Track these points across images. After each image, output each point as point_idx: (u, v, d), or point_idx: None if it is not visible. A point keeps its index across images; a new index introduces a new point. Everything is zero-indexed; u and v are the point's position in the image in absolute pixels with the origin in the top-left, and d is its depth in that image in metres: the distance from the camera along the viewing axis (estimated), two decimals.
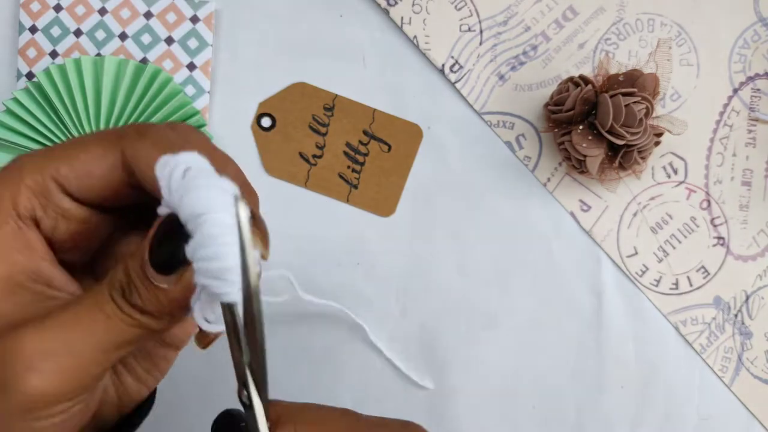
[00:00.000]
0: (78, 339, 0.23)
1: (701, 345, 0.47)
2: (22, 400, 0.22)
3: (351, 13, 0.48)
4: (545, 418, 0.47)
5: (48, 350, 0.22)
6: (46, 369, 0.22)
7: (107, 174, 0.25)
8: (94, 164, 0.25)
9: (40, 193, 0.25)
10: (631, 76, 0.44)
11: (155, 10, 0.47)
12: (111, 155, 0.25)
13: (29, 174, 0.25)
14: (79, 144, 0.25)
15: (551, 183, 0.48)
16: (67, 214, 0.25)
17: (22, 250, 0.25)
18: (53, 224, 0.25)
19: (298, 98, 0.48)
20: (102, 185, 0.25)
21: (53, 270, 0.25)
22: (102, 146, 0.25)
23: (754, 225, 0.48)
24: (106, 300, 0.23)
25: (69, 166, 0.25)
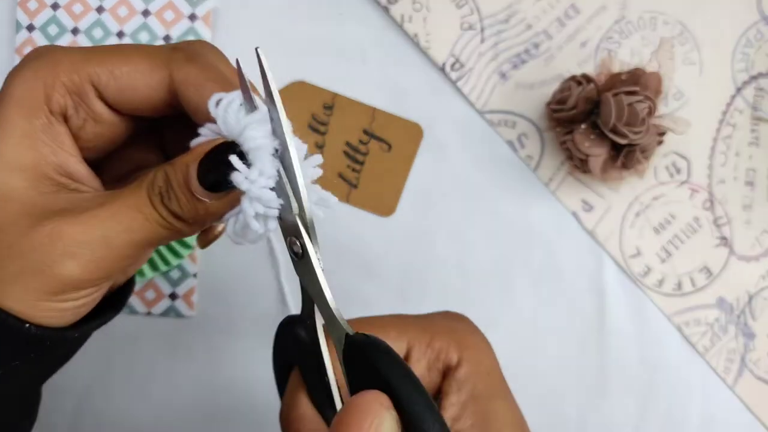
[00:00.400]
0: (114, 234, 0.24)
1: (704, 346, 0.47)
2: (56, 282, 0.24)
3: (351, 11, 0.47)
4: (547, 420, 0.47)
5: (86, 241, 0.24)
6: (83, 257, 0.24)
7: (150, 91, 0.26)
8: (139, 79, 0.26)
9: (74, 92, 0.26)
10: (634, 75, 0.44)
11: (153, 8, 0.46)
12: (158, 74, 0.26)
13: (66, 72, 0.25)
14: (122, 54, 0.26)
15: (553, 183, 0.47)
16: (97, 117, 0.27)
17: (50, 144, 0.26)
18: (81, 124, 0.26)
19: (297, 97, 0.47)
20: (141, 100, 0.26)
21: (78, 165, 0.27)
22: (149, 63, 0.26)
23: (758, 225, 0.48)
24: (144, 202, 0.25)
25: (110, 74, 0.26)
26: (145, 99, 0.26)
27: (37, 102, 0.25)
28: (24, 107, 0.25)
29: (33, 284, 0.24)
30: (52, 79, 0.26)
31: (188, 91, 0.25)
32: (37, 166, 0.26)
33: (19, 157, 0.25)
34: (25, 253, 0.24)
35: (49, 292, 0.25)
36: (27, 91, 0.25)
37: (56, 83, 0.26)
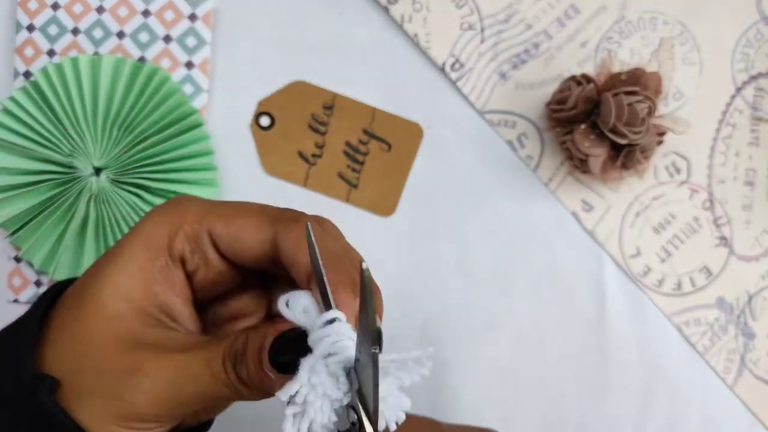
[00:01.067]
0: (184, 383, 0.27)
1: (704, 346, 0.47)
2: (126, 410, 0.27)
3: (351, 11, 0.47)
4: (547, 420, 0.47)
5: (159, 380, 0.26)
6: (153, 395, 0.26)
7: (257, 245, 0.28)
8: (248, 233, 0.28)
9: (193, 239, 0.29)
10: (634, 75, 0.44)
11: (153, 8, 0.46)
12: (265, 231, 0.28)
13: (189, 222, 0.29)
14: (241, 209, 0.29)
15: (553, 183, 0.47)
16: (209, 263, 0.29)
17: (163, 284, 0.29)
18: (195, 268, 0.29)
19: (297, 97, 0.47)
20: (248, 251, 0.29)
21: (182, 307, 0.29)
22: (259, 219, 0.28)
23: (757, 225, 0.48)
24: (216, 361, 0.26)
25: (225, 226, 0.28)
26: (251, 251, 0.28)
27: (161, 245, 0.28)
28: (149, 247, 0.28)
29: (105, 406, 0.27)
30: (177, 226, 0.29)
31: (287, 248, 0.28)
32: (144, 300, 0.28)
33: (131, 289, 0.28)
34: (107, 376, 0.27)
35: (118, 416, 0.27)
36: (155, 232, 0.28)
37: (180, 230, 0.28)
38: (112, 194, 0.44)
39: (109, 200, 0.44)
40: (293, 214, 0.29)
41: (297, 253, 0.27)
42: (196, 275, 0.29)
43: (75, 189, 0.43)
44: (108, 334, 0.27)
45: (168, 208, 0.29)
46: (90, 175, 0.43)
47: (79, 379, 0.27)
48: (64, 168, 0.43)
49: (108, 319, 0.28)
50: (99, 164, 0.44)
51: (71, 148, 0.44)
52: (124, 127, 0.44)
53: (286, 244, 0.28)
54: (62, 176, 0.43)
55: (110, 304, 0.28)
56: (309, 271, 0.27)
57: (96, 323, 0.28)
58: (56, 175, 0.43)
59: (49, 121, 0.44)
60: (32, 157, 0.44)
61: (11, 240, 0.45)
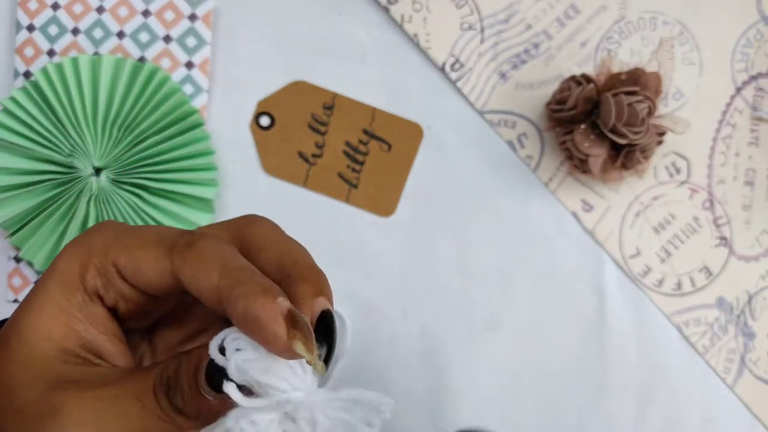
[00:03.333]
0: (110, 419, 0.24)
1: (704, 346, 0.47)
2: None
3: (351, 11, 0.47)
4: (547, 420, 0.47)
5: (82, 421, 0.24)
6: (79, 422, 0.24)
7: (157, 277, 0.26)
8: (147, 264, 0.26)
9: (103, 274, 0.27)
10: (634, 75, 0.44)
11: (153, 8, 0.46)
12: (162, 261, 0.26)
13: (96, 255, 0.27)
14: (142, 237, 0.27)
15: (553, 183, 0.47)
16: (125, 296, 0.27)
17: (84, 321, 0.27)
18: (114, 302, 0.27)
19: (297, 97, 0.47)
20: (152, 283, 0.27)
21: (107, 343, 0.27)
22: (156, 250, 0.26)
23: (757, 225, 0.48)
24: (146, 392, 0.24)
25: (127, 258, 0.26)
26: (155, 283, 0.26)
27: (74, 282, 0.27)
28: (64, 284, 0.27)
29: None
30: (87, 261, 0.27)
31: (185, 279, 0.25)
32: (66, 339, 0.27)
33: (50, 329, 0.26)
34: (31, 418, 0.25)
35: None
36: (67, 269, 0.27)
37: (89, 265, 0.27)
38: (112, 194, 0.44)
39: (109, 200, 0.44)
40: (188, 239, 0.26)
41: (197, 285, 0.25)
42: (119, 308, 0.28)
43: (75, 189, 0.43)
44: (31, 377, 0.26)
45: (79, 240, 0.27)
46: (90, 175, 0.43)
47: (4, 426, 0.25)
48: (64, 168, 0.43)
49: (31, 361, 0.26)
50: (99, 164, 0.44)
51: (71, 148, 0.44)
52: (124, 127, 0.44)
53: (184, 276, 0.25)
54: (62, 176, 0.43)
55: (33, 345, 0.26)
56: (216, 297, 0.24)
57: (19, 366, 0.26)
58: (56, 175, 0.43)
59: (49, 121, 0.44)
60: (32, 157, 0.44)
61: (11, 240, 0.45)
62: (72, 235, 0.44)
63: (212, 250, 0.25)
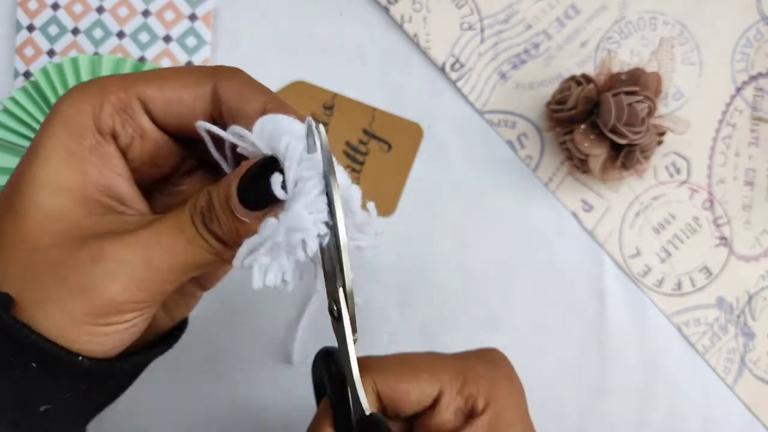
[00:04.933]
0: (157, 256, 0.24)
1: (704, 346, 0.47)
2: (98, 303, 0.24)
3: (350, 11, 0.47)
4: (547, 420, 0.47)
5: (128, 261, 0.24)
6: (125, 278, 0.24)
7: (195, 102, 0.26)
8: (185, 91, 0.26)
9: (122, 109, 0.26)
10: (634, 75, 0.44)
11: (153, 8, 0.46)
12: (203, 86, 0.26)
13: (114, 91, 0.26)
14: (171, 71, 0.27)
15: (553, 183, 0.47)
16: (144, 134, 0.26)
17: (98, 164, 0.26)
18: (129, 142, 0.26)
19: (297, 97, 0.47)
20: (187, 111, 0.26)
21: (126, 186, 0.27)
22: (195, 77, 0.26)
23: (757, 225, 0.48)
24: (187, 224, 0.24)
25: (158, 89, 0.26)
26: (189, 111, 0.26)
27: (84, 122, 0.25)
28: (71, 128, 0.25)
29: (75, 306, 0.24)
30: (100, 99, 0.26)
31: (230, 99, 0.26)
32: (85, 186, 0.25)
33: (66, 177, 0.25)
34: (68, 274, 0.24)
35: (92, 314, 0.24)
36: (74, 112, 0.25)
37: (104, 103, 0.26)
38: None
39: None
40: (228, 68, 0.27)
41: (242, 102, 0.25)
42: (132, 150, 0.27)
43: None
44: (56, 234, 0.24)
45: (84, 85, 0.26)
46: None
47: (37, 289, 0.24)
48: None
49: (51, 218, 0.24)
50: None
51: None
52: None
53: (229, 95, 0.26)
54: None
55: (47, 201, 0.25)
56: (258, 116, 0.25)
57: (38, 226, 0.24)
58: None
59: None
60: None
61: None
62: None
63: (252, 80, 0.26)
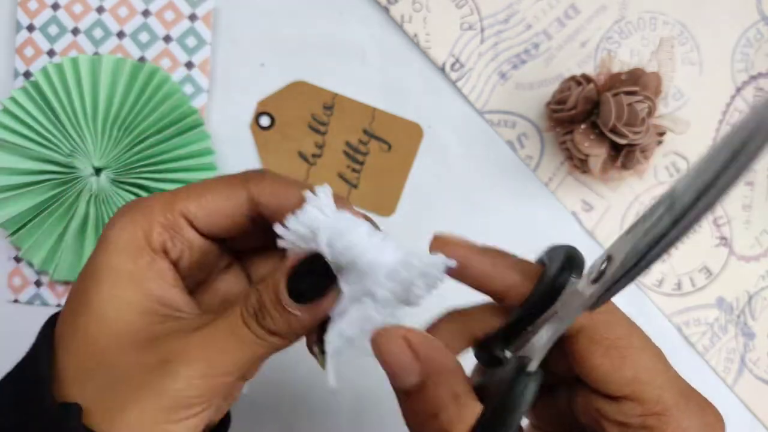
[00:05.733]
0: (214, 356, 0.26)
1: (704, 346, 0.47)
2: (167, 401, 0.26)
3: (351, 12, 0.47)
4: None
5: (192, 361, 0.26)
6: (190, 376, 0.26)
7: (233, 210, 0.29)
8: (222, 202, 0.29)
9: (170, 227, 0.29)
10: (634, 75, 0.44)
11: (153, 8, 0.46)
12: (237, 194, 0.29)
13: (160, 212, 0.28)
14: (206, 185, 0.29)
15: (553, 183, 0.47)
16: (192, 245, 0.29)
17: (156, 279, 0.28)
18: (179, 255, 0.29)
19: (297, 97, 0.47)
20: (227, 220, 0.29)
21: (180, 295, 0.29)
22: (229, 187, 0.29)
23: (757, 225, 0.48)
24: (239, 325, 0.27)
25: (197, 204, 0.29)
26: (230, 218, 0.29)
27: (139, 244, 0.28)
28: (128, 251, 0.28)
29: (147, 407, 0.26)
30: (150, 221, 0.28)
31: (266, 199, 0.28)
32: (145, 301, 0.28)
33: (128, 294, 0.28)
34: (138, 375, 0.26)
35: (163, 411, 0.26)
36: (128, 236, 0.28)
37: (153, 224, 0.28)
38: (112, 194, 0.44)
39: (109, 200, 0.44)
40: (256, 172, 0.29)
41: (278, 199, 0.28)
42: (182, 262, 0.29)
43: (75, 189, 0.43)
44: (122, 344, 0.27)
45: (130, 210, 0.29)
46: (90, 175, 0.43)
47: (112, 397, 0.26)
48: (64, 168, 0.43)
49: (116, 331, 0.27)
50: (99, 164, 0.44)
51: (71, 148, 0.44)
52: (124, 127, 0.44)
53: (265, 196, 0.28)
54: (62, 176, 0.43)
55: (112, 316, 0.27)
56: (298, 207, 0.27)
57: (105, 339, 0.27)
58: (56, 175, 0.43)
59: (49, 121, 0.44)
60: (32, 157, 0.44)
61: (11, 240, 0.45)
62: (72, 235, 0.44)
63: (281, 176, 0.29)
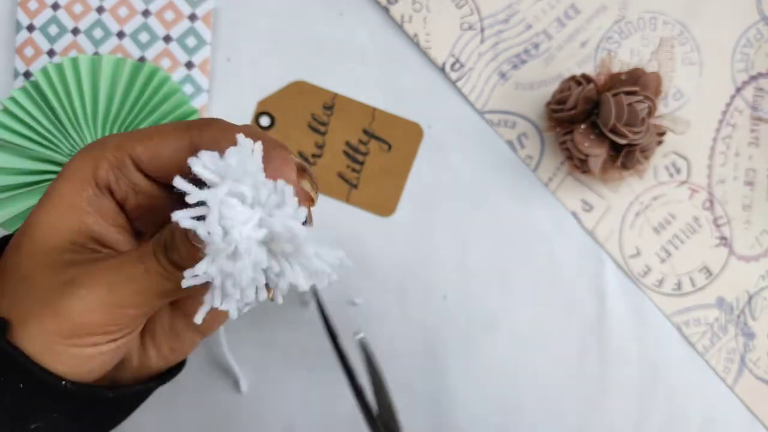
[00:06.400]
0: (118, 283, 0.27)
1: (704, 346, 0.47)
2: (70, 324, 0.27)
3: (351, 11, 0.47)
4: (547, 421, 0.47)
5: (95, 287, 0.27)
6: (92, 302, 0.27)
7: (175, 154, 0.29)
8: (166, 146, 0.29)
9: (117, 166, 0.29)
10: (634, 75, 0.44)
11: (153, 8, 0.46)
12: (181, 139, 0.29)
13: (111, 150, 0.29)
14: (156, 129, 0.30)
15: (553, 183, 0.47)
16: (137, 187, 0.30)
17: (93, 214, 0.29)
18: (124, 195, 0.30)
19: (297, 97, 0.47)
20: (169, 163, 0.29)
21: (118, 234, 0.30)
22: (174, 132, 0.29)
23: (757, 225, 0.48)
24: (148, 255, 0.27)
25: (143, 147, 0.29)
26: (173, 162, 0.29)
27: (85, 177, 0.29)
28: (74, 181, 0.29)
29: (49, 326, 0.27)
30: (99, 157, 0.29)
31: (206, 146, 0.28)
32: (76, 231, 0.29)
33: (61, 223, 0.29)
34: (44, 295, 0.28)
35: (61, 334, 0.27)
36: (78, 168, 0.29)
37: (102, 160, 0.29)
38: None
39: None
40: (204, 120, 0.30)
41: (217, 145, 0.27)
42: (128, 203, 0.30)
43: None
44: (42, 266, 0.28)
45: (91, 145, 0.30)
46: None
47: (22, 311, 0.28)
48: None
49: (41, 254, 0.28)
50: None
51: (71, 148, 0.44)
52: (124, 127, 0.44)
53: (205, 141, 0.28)
54: None
55: (42, 239, 0.29)
56: None
57: (30, 260, 0.29)
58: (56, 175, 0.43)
59: (49, 121, 0.44)
60: (32, 157, 0.44)
61: None
62: None
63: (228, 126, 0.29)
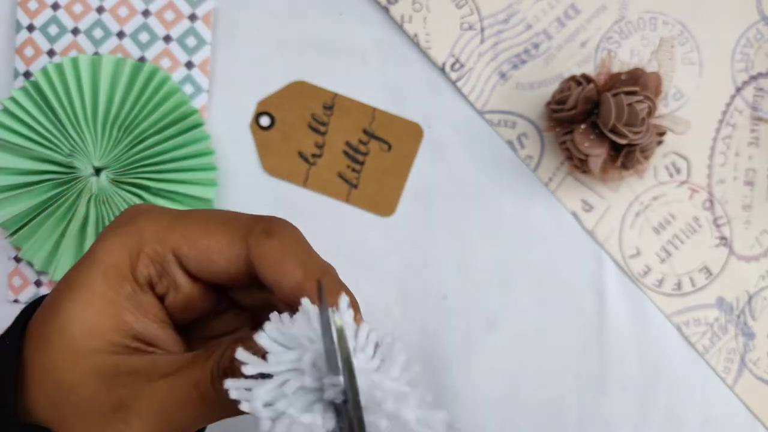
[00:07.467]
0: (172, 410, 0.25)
1: (704, 346, 0.47)
2: None
3: (351, 11, 0.47)
4: (547, 420, 0.47)
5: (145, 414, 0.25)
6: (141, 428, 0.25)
7: (228, 264, 0.26)
8: (217, 252, 0.26)
9: (158, 262, 0.26)
10: (634, 75, 0.44)
11: (153, 8, 0.46)
12: (236, 248, 0.26)
13: (150, 243, 0.26)
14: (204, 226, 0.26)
15: (553, 183, 0.47)
16: (179, 287, 0.27)
17: (134, 312, 0.26)
18: (165, 291, 0.27)
19: (297, 97, 0.47)
20: (220, 271, 0.26)
21: (159, 331, 0.27)
22: (228, 237, 0.26)
23: (757, 225, 0.48)
24: (204, 381, 0.24)
25: (190, 247, 0.26)
26: (223, 271, 0.26)
27: (123, 272, 0.26)
28: (110, 276, 0.26)
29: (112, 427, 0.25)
30: (138, 249, 0.26)
31: (264, 268, 0.25)
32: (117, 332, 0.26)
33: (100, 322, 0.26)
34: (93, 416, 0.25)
35: None
36: (114, 259, 0.26)
37: (141, 254, 0.26)
38: (112, 194, 0.44)
39: (109, 200, 0.44)
40: (265, 226, 0.26)
41: (277, 274, 0.25)
42: (167, 298, 0.27)
43: (75, 189, 0.43)
44: (83, 372, 0.25)
45: (122, 228, 0.27)
46: (90, 175, 0.43)
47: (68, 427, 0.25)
48: (64, 168, 0.43)
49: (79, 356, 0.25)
50: (99, 164, 0.44)
51: (71, 148, 0.44)
52: (124, 127, 0.44)
53: (263, 264, 0.25)
54: (62, 176, 0.43)
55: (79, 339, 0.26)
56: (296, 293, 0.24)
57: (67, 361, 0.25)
58: (56, 175, 0.43)
59: (49, 121, 0.44)
60: (32, 157, 0.44)
61: (11, 240, 0.45)
62: (72, 235, 0.44)
63: (292, 242, 0.25)
